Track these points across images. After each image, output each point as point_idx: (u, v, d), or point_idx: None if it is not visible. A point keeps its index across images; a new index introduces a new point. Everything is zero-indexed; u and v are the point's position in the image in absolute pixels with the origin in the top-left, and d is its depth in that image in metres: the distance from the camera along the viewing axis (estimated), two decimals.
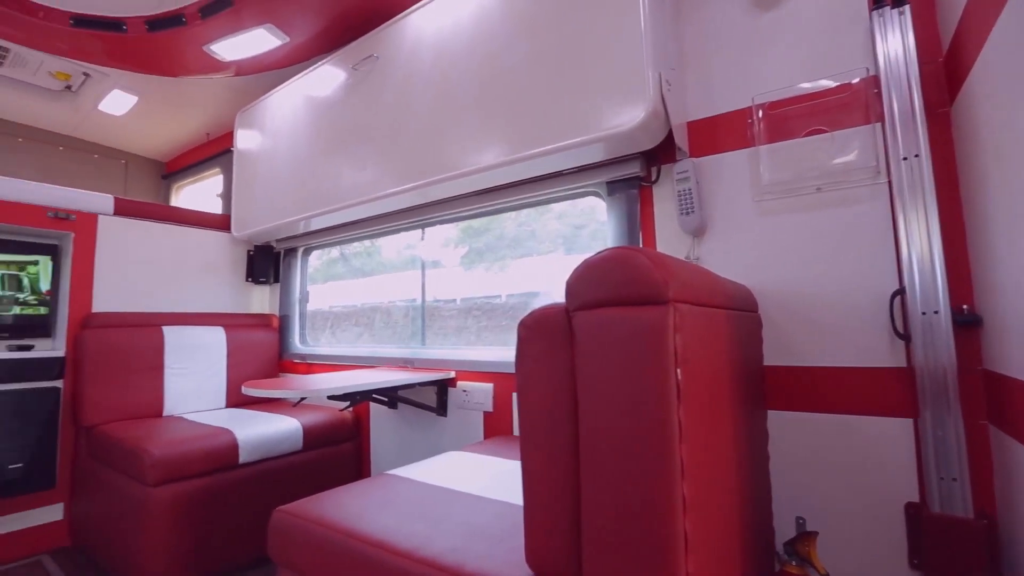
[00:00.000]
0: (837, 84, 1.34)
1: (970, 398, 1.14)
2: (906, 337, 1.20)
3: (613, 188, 1.68)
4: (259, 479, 1.92)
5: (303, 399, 1.96)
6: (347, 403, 1.83)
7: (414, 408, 2.10)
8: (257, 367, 2.67)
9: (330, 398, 1.73)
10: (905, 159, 1.18)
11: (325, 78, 2.33)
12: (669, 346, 0.71)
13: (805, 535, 1.27)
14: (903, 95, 1.20)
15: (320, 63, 2.37)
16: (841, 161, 1.32)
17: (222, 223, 2.84)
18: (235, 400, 2.52)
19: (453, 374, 2.04)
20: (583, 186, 1.76)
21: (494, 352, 2.03)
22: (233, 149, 2.91)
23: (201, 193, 3.80)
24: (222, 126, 3.33)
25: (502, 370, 1.90)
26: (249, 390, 1.64)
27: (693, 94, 1.57)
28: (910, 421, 1.21)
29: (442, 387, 2.05)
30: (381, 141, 2.05)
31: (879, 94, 1.24)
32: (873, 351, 1.26)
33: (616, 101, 1.41)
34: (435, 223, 2.32)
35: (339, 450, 2.23)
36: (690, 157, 1.54)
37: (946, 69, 1.22)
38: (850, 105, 1.31)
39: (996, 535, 1.09)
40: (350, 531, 1.05)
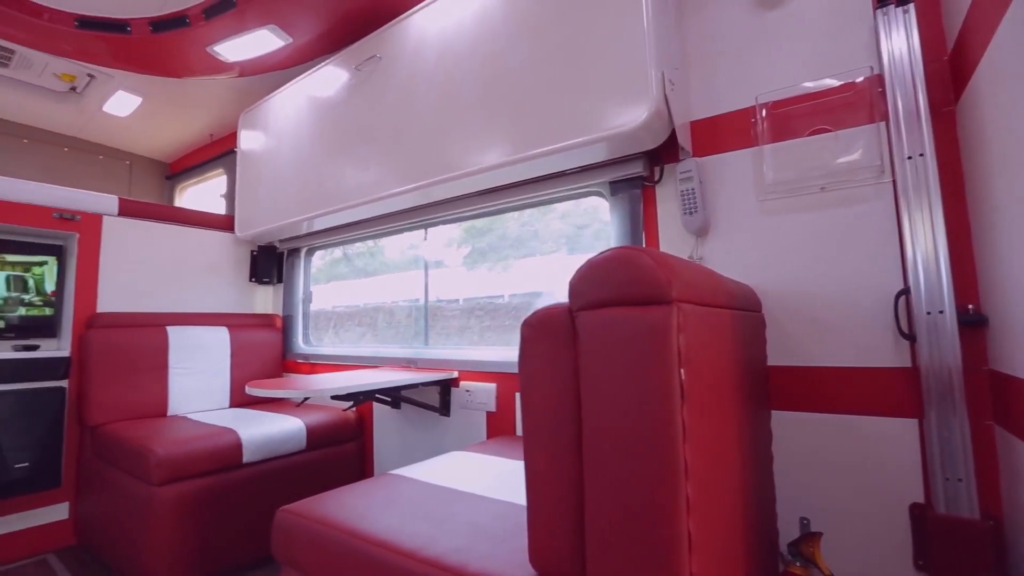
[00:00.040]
0: (841, 83, 1.33)
1: (976, 398, 1.13)
2: (911, 337, 1.19)
3: (616, 188, 1.68)
4: (263, 479, 1.93)
5: (306, 399, 1.96)
6: (350, 403, 1.83)
7: (417, 408, 2.10)
8: (261, 367, 2.68)
9: (333, 398, 1.74)
10: (910, 158, 1.18)
11: (328, 79, 2.34)
12: (673, 346, 0.71)
13: (809, 536, 1.27)
14: (907, 94, 1.19)
15: (323, 64, 2.38)
16: (845, 160, 1.31)
17: (226, 223, 2.85)
18: (239, 400, 2.53)
19: (456, 374, 2.04)
20: (586, 186, 1.76)
21: (497, 352, 2.03)
22: (237, 150, 2.92)
23: (205, 194, 3.81)
24: (226, 127, 3.34)
25: (505, 370, 1.90)
26: (253, 390, 1.64)
27: (696, 93, 1.57)
28: (915, 421, 1.21)
29: (445, 387, 2.05)
30: (384, 141, 2.06)
31: (883, 93, 1.24)
32: (878, 351, 1.26)
33: (619, 101, 1.41)
34: (438, 223, 2.32)
35: (342, 450, 2.24)
36: (693, 157, 1.54)
37: (951, 67, 1.21)
38: (854, 104, 1.31)
39: (1002, 536, 1.08)
40: (353, 531, 1.06)
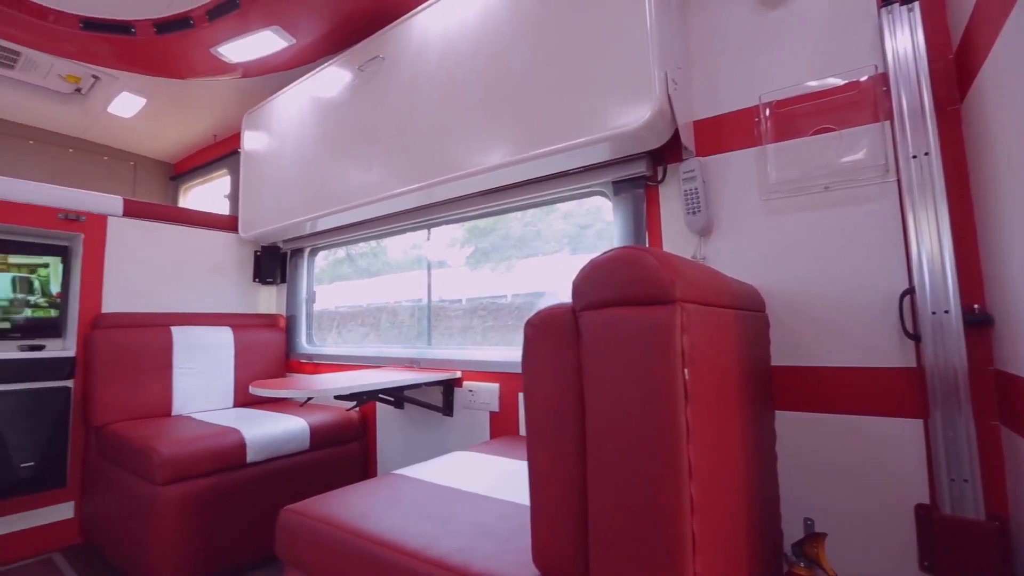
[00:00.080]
0: (845, 82, 1.32)
1: (981, 399, 1.12)
2: (916, 337, 1.19)
3: (619, 188, 1.68)
4: (266, 478, 1.93)
5: (310, 399, 1.97)
6: (354, 403, 1.83)
7: (420, 408, 2.11)
8: (264, 367, 2.68)
9: (337, 398, 1.74)
10: (915, 157, 1.17)
11: (331, 79, 2.34)
12: (676, 346, 0.70)
13: (813, 536, 1.26)
14: (912, 92, 1.18)
15: (326, 64, 2.38)
16: (849, 159, 1.31)
17: (229, 224, 2.86)
18: (243, 400, 2.54)
19: (459, 374, 2.04)
20: (589, 186, 1.75)
21: (500, 352, 2.03)
22: (240, 150, 2.93)
23: (209, 194, 3.83)
24: (229, 128, 3.35)
25: (508, 370, 1.90)
26: (256, 390, 1.65)
27: (699, 93, 1.56)
28: (920, 422, 1.20)
29: (448, 387, 2.05)
30: (387, 142, 2.06)
31: (888, 92, 1.23)
32: (882, 351, 1.25)
33: (622, 100, 1.41)
34: (441, 223, 2.32)
35: (346, 450, 2.24)
36: (696, 156, 1.54)
37: (956, 66, 1.20)
38: (858, 103, 1.30)
39: (1008, 537, 1.08)
40: (357, 530, 1.06)
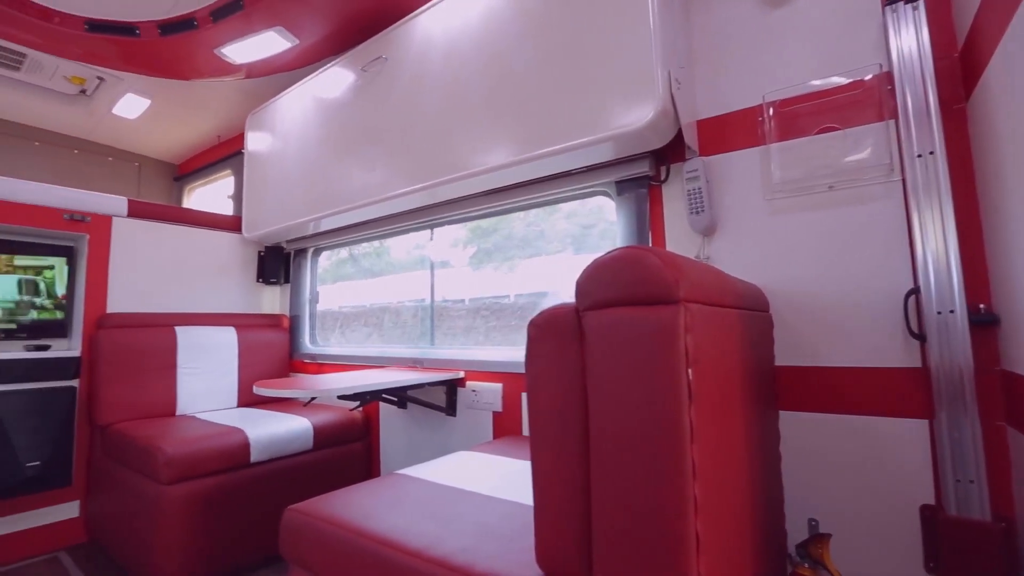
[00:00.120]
0: (849, 81, 1.32)
1: (987, 399, 1.12)
2: (921, 337, 1.18)
3: (622, 187, 1.67)
4: (270, 478, 1.94)
5: (313, 399, 1.97)
6: (357, 403, 1.84)
7: (423, 408, 2.11)
8: (268, 367, 2.69)
9: (340, 398, 1.74)
10: (920, 156, 1.17)
11: (334, 80, 2.35)
12: (680, 346, 0.70)
13: (818, 537, 1.26)
14: (917, 91, 1.18)
15: (329, 65, 2.39)
16: (854, 159, 1.30)
17: (233, 224, 2.87)
18: (246, 400, 2.55)
19: (462, 374, 2.04)
20: (592, 185, 1.75)
21: (503, 352, 2.03)
22: (244, 151, 2.94)
23: (213, 195, 3.84)
24: (233, 128, 3.36)
25: (511, 370, 1.90)
26: (260, 390, 1.65)
27: (703, 92, 1.56)
28: (925, 422, 1.20)
29: (451, 387, 2.05)
30: (390, 142, 2.06)
31: (892, 90, 1.23)
32: (887, 351, 1.25)
33: (625, 100, 1.41)
34: (444, 223, 2.33)
35: (349, 449, 2.25)
36: (700, 156, 1.53)
37: (962, 64, 1.20)
38: (863, 102, 1.30)
39: (1014, 538, 1.07)
40: (360, 530, 1.06)
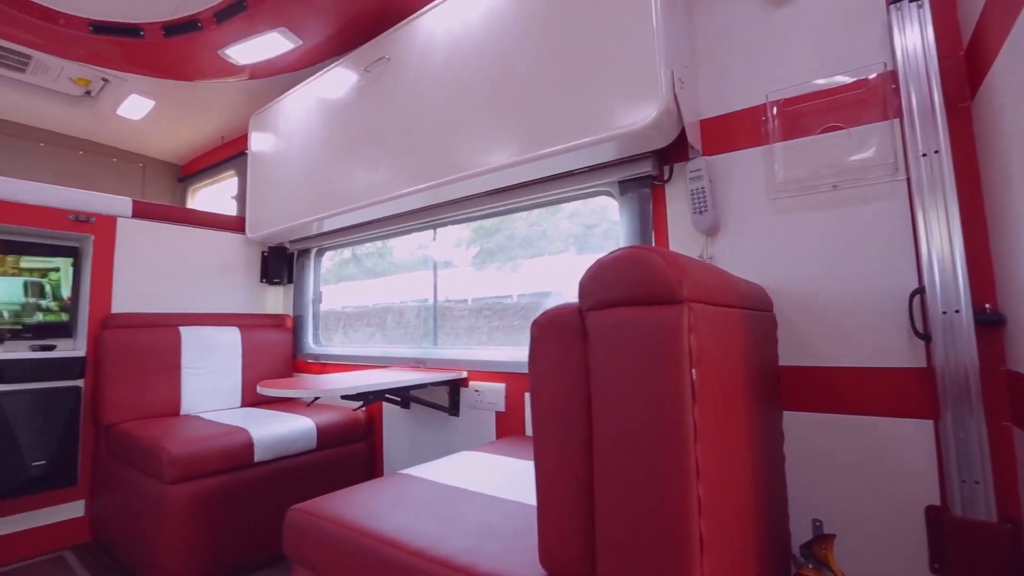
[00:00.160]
0: (853, 80, 1.31)
1: (993, 399, 1.11)
2: (926, 337, 1.18)
3: (625, 187, 1.67)
4: (274, 477, 1.94)
5: (317, 399, 1.98)
6: (360, 403, 1.84)
7: (426, 408, 2.11)
8: (271, 367, 2.70)
9: (343, 398, 1.75)
10: (924, 155, 1.16)
11: (337, 80, 2.36)
12: (684, 346, 0.70)
13: (822, 538, 1.25)
14: (922, 90, 1.17)
15: (332, 65, 2.39)
16: (858, 158, 1.30)
17: (237, 225, 2.88)
18: (250, 399, 2.56)
19: (465, 374, 2.04)
20: (595, 185, 1.75)
21: (506, 352, 2.03)
22: (247, 152, 2.95)
23: (216, 196, 3.85)
24: (237, 129, 3.37)
25: (514, 370, 1.90)
26: (264, 390, 1.66)
27: (706, 92, 1.56)
28: (930, 423, 1.19)
29: (454, 387, 2.05)
30: (393, 142, 2.07)
31: (897, 89, 1.22)
32: (892, 351, 1.24)
33: (628, 100, 1.41)
34: (447, 223, 2.33)
35: (352, 449, 2.25)
36: (703, 155, 1.53)
37: (967, 62, 1.19)
38: (867, 101, 1.29)
39: (1020, 539, 1.06)
40: (364, 530, 1.06)
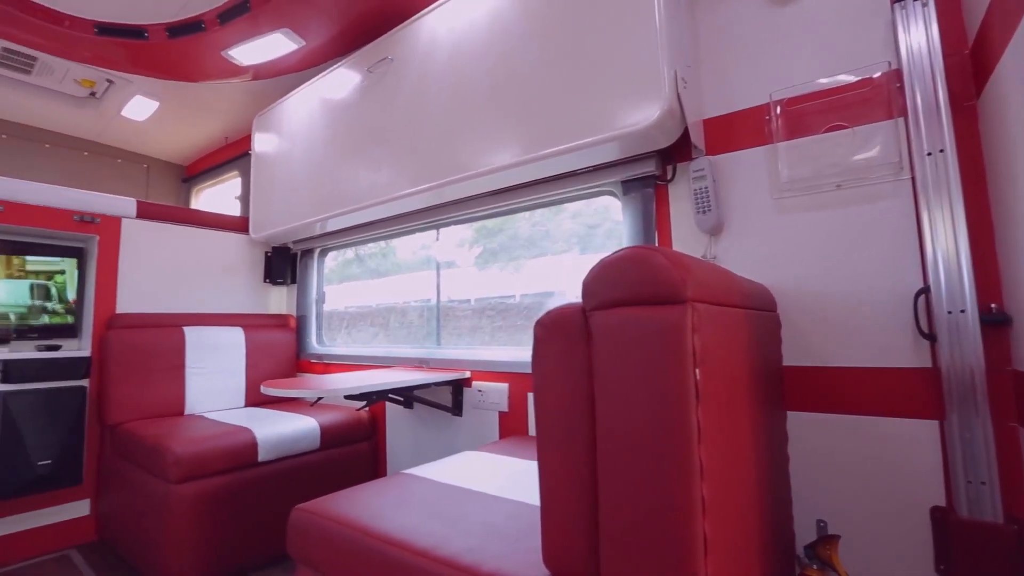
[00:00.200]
0: (858, 79, 1.31)
1: (999, 399, 1.10)
2: (931, 337, 1.17)
3: (628, 187, 1.67)
4: (278, 477, 1.95)
5: (320, 399, 1.98)
6: (363, 403, 1.84)
7: (429, 408, 2.11)
8: (275, 367, 2.71)
9: (347, 398, 1.75)
10: (929, 154, 1.16)
11: (340, 81, 2.36)
12: (687, 346, 0.70)
13: (826, 539, 1.25)
14: (927, 89, 1.17)
15: (335, 66, 2.40)
16: (862, 157, 1.29)
17: (240, 225, 2.89)
18: (254, 399, 2.57)
19: (468, 374, 2.04)
20: (598, 185, 1.75)
21: (509, 352, 2.03)
22: (251, 152, 2.96)
23: (220, 196, 3.87)
24: (240, 130, 3.38)
25: (517, 370, 1.90)
26: (268, 389, 1.66)
27: (709, 91, 1.55)
28: (936, 423, 1.18)
29: (457, 387, 2.06)
30: (396, 142, 2.07)
31: (901, 88, 1.21)
32: (897, 351, 1.24)
33: (631, 99, 1.40)
34: (450, 223, 2.33)
35: (356, 449, 2.26)
36: (706, 155, 1.53)
37: (972, 61, 1.19)
38: (871, 100, 1.29)
39: None
40: (367, 529, 1.06)
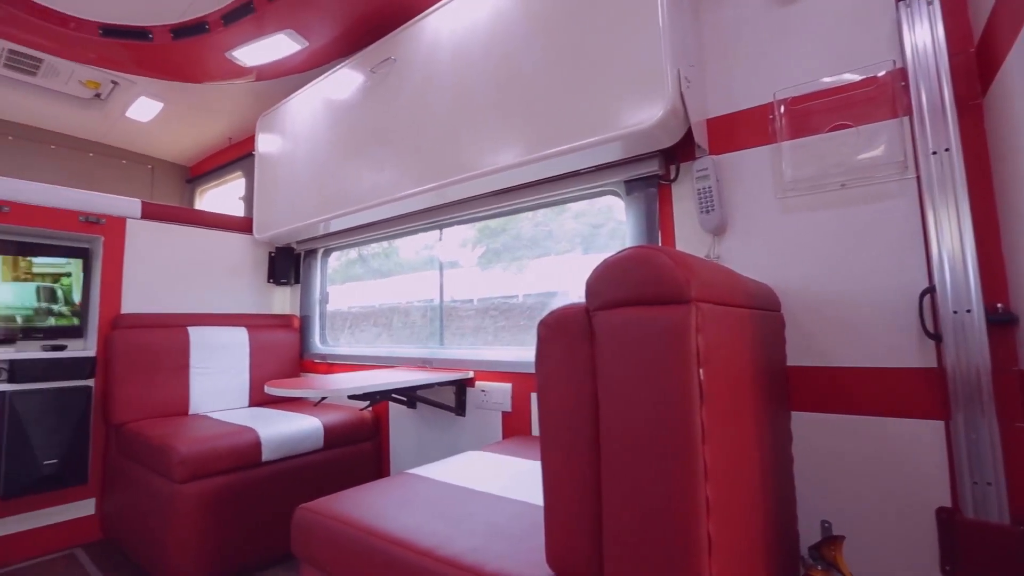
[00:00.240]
0: (862, 77, 1.30)
1: (1005, 399, 1.10)
2: (937, 337, 1.16)
3: (631, 187, 1.67)
4: (281, 477, 1.96)
5: (324, 398, 1.99)
6: (367, 403, 1.85)
7: (433, 408, 2.11)
8: (279, 367, 2.72)
9: (350, 398, 1.75)
10: (935, 153, 1.15)
11: (344, 81, 2.36)
12: (691, 346, 0.70)
13: (831, 539, 1.24)
14: (932, 87, 1.16)
15: (339, 67, 2.40)
16: (867, 156, 1.29)
17: (244, 225, 2.90)
18: (258, 399, 2.57)
19: (471, 374, 2.04)
20: (601, 185, 1.75)
21: (512, 352, 2.03)
22: (255, 153, 2.96)
23: (224, 197, 3.88)
24: (244, 131, 3.40)
25: (520, 370, 1.90)
26: (272, 389, 1.67)
27: (713, 90, 1.55)
28: (941, 423, 1.18)
29: (460, 387, 2.06)
30: (399, 143, 2.07)
31: (907, 87, 1.21)
32: (902, 351, 1.23)
33: (634, 99, 1.40)
34: (453, 223, 2.33)
35: (359, 449, 2.26)
36: (710, 155, 1.52)
37: (978, 59, 1.18)
38: (876, 99, 1.28)
39: None
40: (371, 529, 1.07)
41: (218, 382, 2.46)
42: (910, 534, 1.20)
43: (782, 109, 1.41)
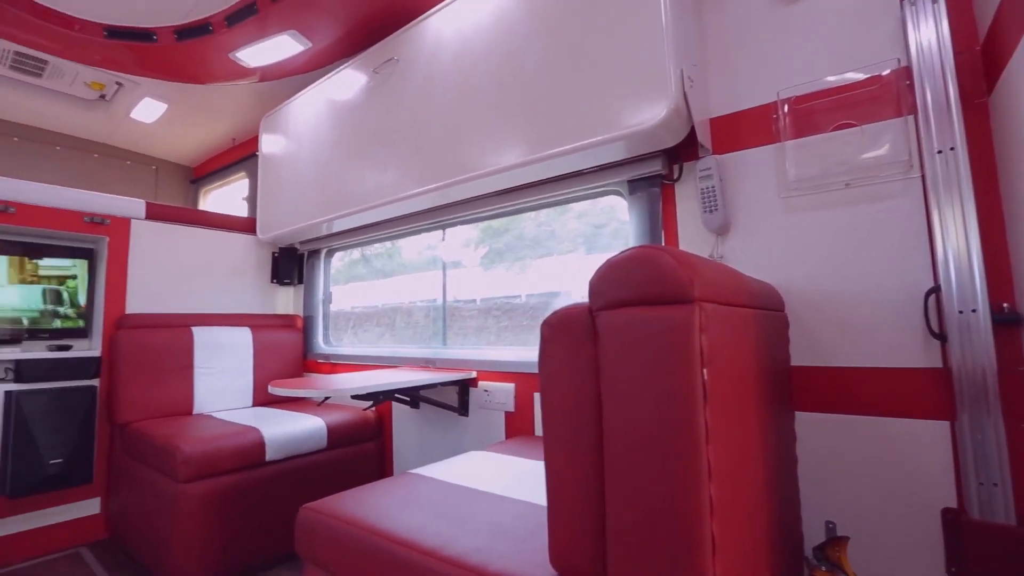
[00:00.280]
0: (866, 76, 1.30)
1: (1011, 400, 1.09)
2: (942, 337, 1.16)
3: (635, 187, 1.66)
4: (285, 476, 1.96)
5: (327, 398, 1.99)
6: (370, 403, 1.85)
7: (436, 408, 2.12)
8: (282, 367, 2.72)
9: (353, 397, 1.76)
10: (940, 152, 1.15)
11: (347, 82, 2.37)
12: (695, 346, 0.70)
13: (835, 540, 1.24)
14: (937, 86, 1.16)
15: (342, 67, 2.41)
16: (871, 155, 1.28)
17: (248, 226, 2.90)
18: (261, 399, 2.58)
19: (474, 374, 2.04)
20: (604, 185, 1.74)
21: (515, 352, 2.03)
22: (258, 153, 2.97)
23: (228, 197, 3.90)
24: (247, 131, 3.41)
25: (523, 370, 1.90)
26: (275, 389, 1.67)
27: (716, 90, 1.55)
28: (947, 424, 1.17)
29: (463, 387, 2.06)
30: (402, 143, 2.08)
31: (911, 85, 1.20)
32: (907, 351, 1.22)
33: (637, 99, 1.40)
34: (456, 224, 2.33)
35: (362, 449, 2.27)
36: (713, 154, 1.52)
37: (983, 57, 1.17)
38: (880, 98, 1.28)
39: None
40: (374, 529, 1.07)
41: (222, 382, 2.47)
42: (915, 535, 1.19)
43: (786, 108, 1.41)
